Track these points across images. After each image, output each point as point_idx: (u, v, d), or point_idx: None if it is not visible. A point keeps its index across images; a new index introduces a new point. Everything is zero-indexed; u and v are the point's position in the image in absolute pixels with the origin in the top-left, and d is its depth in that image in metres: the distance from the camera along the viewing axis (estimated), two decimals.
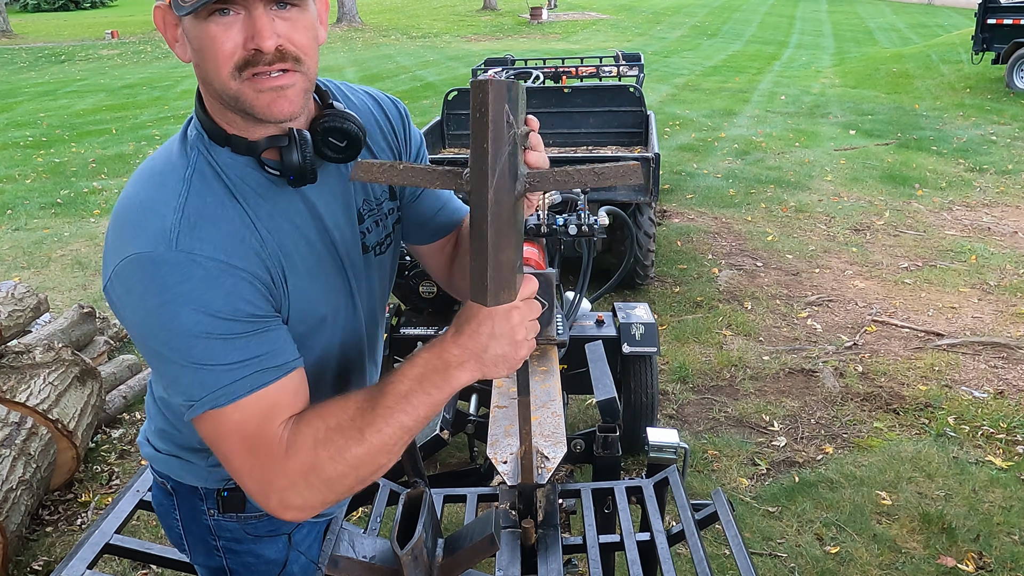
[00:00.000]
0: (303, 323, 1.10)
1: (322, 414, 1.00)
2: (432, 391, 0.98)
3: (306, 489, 0.99)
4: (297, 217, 1.08)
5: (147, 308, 0.96)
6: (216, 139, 1.05)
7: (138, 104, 12.76)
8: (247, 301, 0.99)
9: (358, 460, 0.98)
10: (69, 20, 30.23)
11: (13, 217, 6.96)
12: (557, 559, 1.61)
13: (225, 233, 1.00)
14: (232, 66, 0.97)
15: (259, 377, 0.98)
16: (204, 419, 0.99)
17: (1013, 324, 4.53)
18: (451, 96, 5.82)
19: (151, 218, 0.98)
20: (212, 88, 1.01)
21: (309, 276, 1.09)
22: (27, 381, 3.20)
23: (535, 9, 25.05)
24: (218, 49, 0.96)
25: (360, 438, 0.98)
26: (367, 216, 1.20)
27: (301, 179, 1.05)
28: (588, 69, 7.29)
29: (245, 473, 1.01)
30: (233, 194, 1.03)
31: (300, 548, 1.31)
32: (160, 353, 0.98)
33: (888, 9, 30.01)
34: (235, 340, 0.97)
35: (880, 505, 3.03)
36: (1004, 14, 11.75)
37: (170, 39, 1.03)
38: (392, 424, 0.98)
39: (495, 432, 2.03)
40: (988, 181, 7.47)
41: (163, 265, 0.95)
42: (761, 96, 12.29)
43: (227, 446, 1.00)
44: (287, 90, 1.00)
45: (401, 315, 3.41)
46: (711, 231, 6.18)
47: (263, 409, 0.99)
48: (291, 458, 0.98)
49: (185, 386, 0.99)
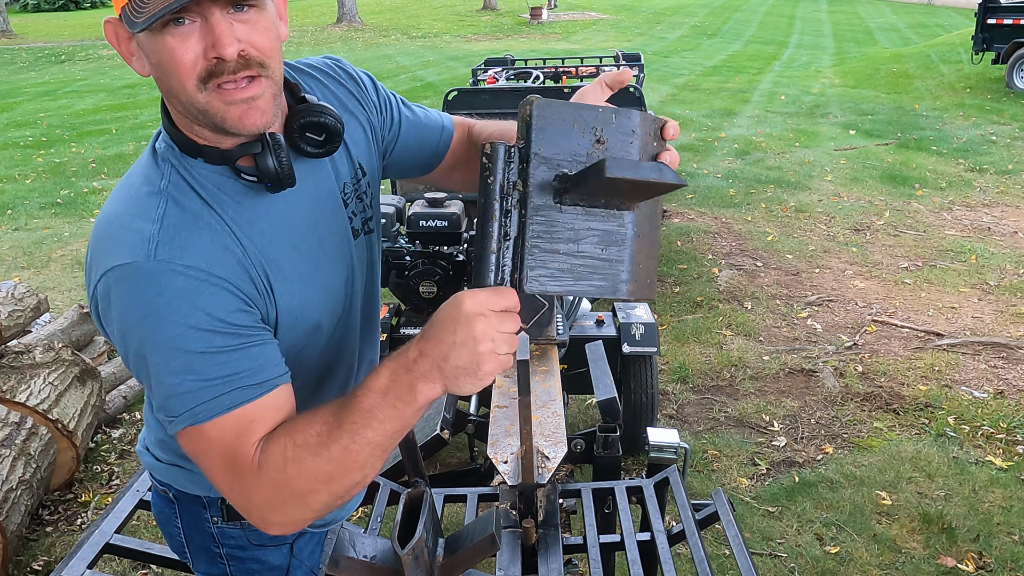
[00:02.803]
0: (293, 331, 1.08)
1: (290, 430, 0.98)
2: (398, 405, 0.93)
3: (282, 505, 0.98)
4: (280, 221, 1.06)
5: (128, 322, 0.95)
6: (188, 151, 1.02)
7: (138, 104, 12.75)
8: (228, 312, 0.97)
9: (327, 476, 0.95)
10: (69, 20, 30.22)
11: (13, 217, 6.96)
12: (557, 559, 1.61)
13: (206, 241, 0.98)
14: (196, 78, 0.94)
15: (239, 395, 0.97)
16: (184, 435, 0.98)
17: (1013, 324, 4.53)
18: (451, 96, 5.81)
19: (130, 231, 0.97)
20: (179, 102, 0.98)
21: (299, 280, 1.07)
22: (27, 381, 3.20)
23: (535, 9, 25.04)
24: (178, 62, 0.93)
25: (327, 455, 0.94)
26: (350, 200, 1.18)
27: (279, 185, 1.03)
28: (588, 69, 7.28)
29: (226, 489, 1.00)
30: (210, 205, 1.01)
31: (301, 556, 1.30)
32: (142, 366, 0.97)
33: (888, 9, 30.00)
34: (215, 355, 0.95)
35: (880, 505, 3.03)
36: (1004, 14, 11.75)
37: (125, 54, 0.99)
38: (359, 440, 0.94)
39: (495, 432, 2.03)
40: (988, 181, 7.47)
41: (143, 276, 0.94)
42: (761, 96, 12.29)
43: (207, 462, 1.00)
44: (257, 100, 0.97)
45: (401, 315, 3.41)
46: (711, 231, 6.18)
47: (240, 426, 0.97)
48: (263, 475, 0.97)
49: (165, 400, 0.98)
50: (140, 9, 0.90)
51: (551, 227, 0.89)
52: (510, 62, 7.64)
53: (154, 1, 0.89)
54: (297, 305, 1.07)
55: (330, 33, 22.79)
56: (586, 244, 0.89)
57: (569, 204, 0.89)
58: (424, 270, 3.24)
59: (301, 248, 1.08)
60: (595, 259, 0.89)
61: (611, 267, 0.90)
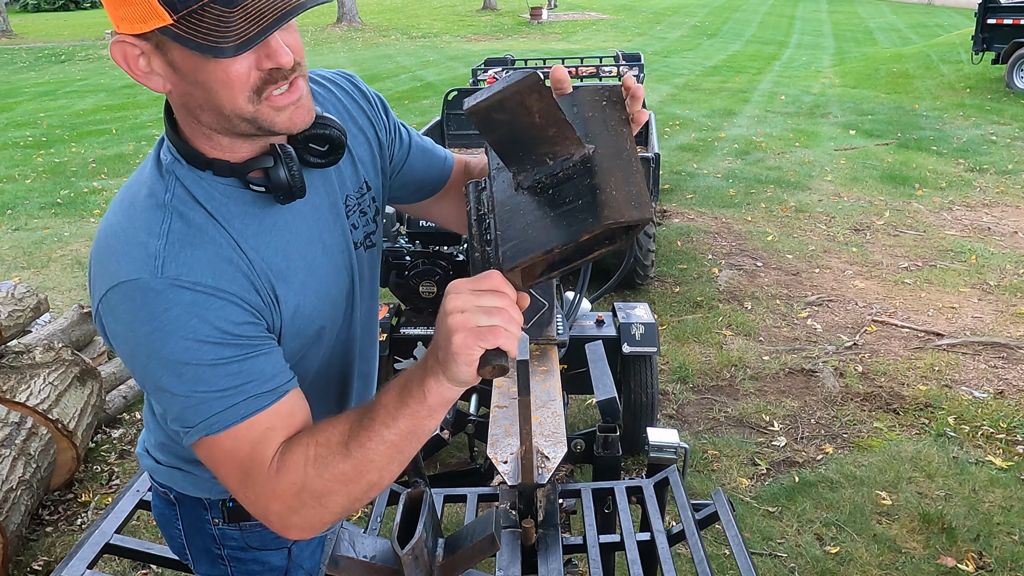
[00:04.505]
0: (297, 338, 1.08)
1: (314, 432, 0.99)
2: (411, 402, 0.94)
3: (301, 508, 0.98)
4: (286, 231, 1.06)
5: (136, 338, 0.95)
6: (195, 163, 1.02)
7: (138, 104, 12.75)
8: (236, 324, 0.97)
9: (345, 476, 0.96)
10: (69, 20, 30.22)
11: (13, 217, 6.96)
12: (557, 559, 1.61)
13: (211, 256, 0.98)
14: (249, 90, 0.94)
15: (252, 403, 0.97)
16: (200, 445, 0.99)
17: (1013, 324, 4.53)
18: (451, 96, 5.81)
19: (135, 245, 0.96)
20: (217, 115, 0.97)
21: (303, 289, 1.07)
22: (27, 381, 3.20)
23: (535, 9, 25.04)
24: (233, 78, 0.92)
25: (346, 453, 0.96)
26: (352, 212, 1.19)
27: (290, 196, 1.03)
28: (588, 69, 7.29)
29: (242, 495, 1.01)
30: (215, 218, 1.00)
31: (299, 559, 1.31)
32: (152, 381, 0.97)
33: (888, 9, 30.00)
34: (225, 366, 0.96)
35: (880, 505, 3.03)
36: (1004, 14, 11.75)
37: (140, 73, 0.95)
38: (375, 438, 0.95)
39: (495, 432, 2.03)
40: (988, 181, 7.47)
41: (149, 293, 0.94)
42: (761, 96, 12.29)
43: (224, 470, 1.00)
44: (302, 100, 0.98)
45: (401, 315, 3.41)
46: (711, 231, 6.18)
47: (256, 435, 0.98)
48: (281, 479, 0.98)
49: (179, 413, 0.98)
50: (224, 34, 0.87)
51: (516, 209, 0.92)
52: (510, 62, 7.65)
53: (242, 24, 0.87)
54: (301, 313, 1.08)
55: (330, 33, 22.78)
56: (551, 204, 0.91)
57: (527, 184, 0.93)
58: (424, 270, 3.24)
59: (306, 257, 1.08)
60: (563, 210, 0.89)
61: (583, 208, 0.88)
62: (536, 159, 0.91)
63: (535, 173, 0.92)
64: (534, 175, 0.92)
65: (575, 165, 0.91)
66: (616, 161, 0.91)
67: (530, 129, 0.89)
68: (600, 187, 0.88)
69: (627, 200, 0.88)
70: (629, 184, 0.89)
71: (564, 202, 0.89)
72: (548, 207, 0.90)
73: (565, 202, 0.89)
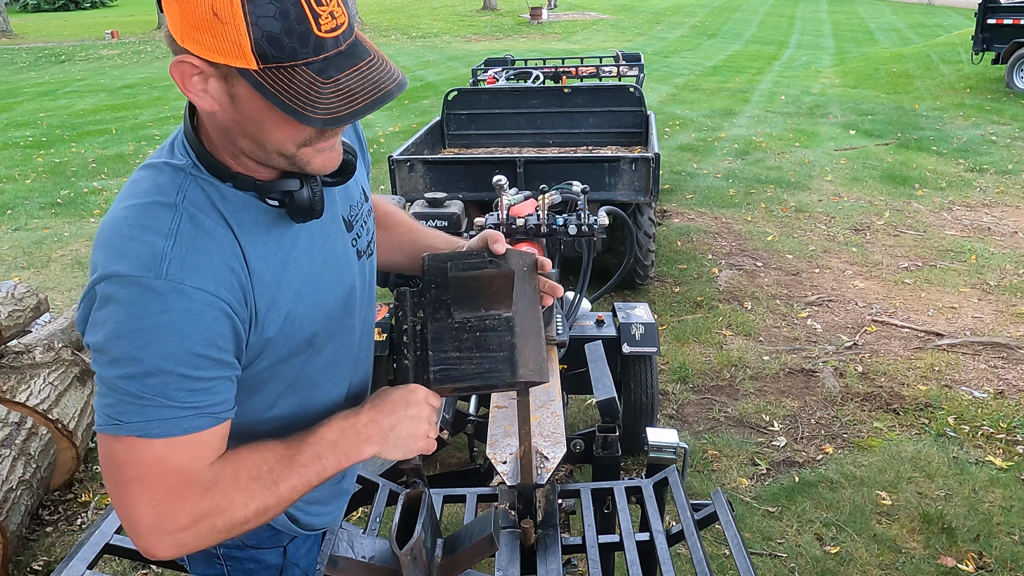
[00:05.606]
0: (286, 344, 1.09)
1: (245, 461, 1.01)
2: (342, 459, 1.06)
3: (196, 530, 0.98)
4: (290, 244, 1.08)
5: (119, 331, 0.94)
6: (218, 175, 1.03)
7: (138, 104, 12.76)
8: (222, 337, 0.98)
9: (265, 509, 1.01)
10: (69, 20, 30.24)
11: (13, 217, 6.96)
12: (556, 559, 1.61)
13: (216, 261, 0.98)
14: (301, 142, 0.98)
15: (200, 421, 0.97)
16: (121, 440, 0.96)
17: (1013, 324, 4.53)
18: (451, 96, 5.81)
19: (141, 241, 0.96)
20: (258, 148, 0.99)
21: (296, 299, 1.08)
22: (27, 381, 3.20)
23: (535, 9, 25.05)
24: (296, 135, 0.97)
25: (276, 491, 1.02)
26: (355, 223, 1.21)
27: (309, 217, 1.06)
28: (588, 69, 7.29)
29: (144, 502, 0.97)
30: (228, 223, 1.01)
31: (294, 558, 1.31)
32: (112, 371, 0.95)
33: (888, 9, 30.00)
34: (195, 381, 0.96)
35: (880, 505, 3.03)
36: (1004, 14, 11.75)
37: (192, 90, 0.95)
38: (303, 482, 1.03)
39: (495, 432, 2.03)
40: (988, 181, 7.47)
41: (148, 292, 0.93)
42: (761, 96, 12.29)
43: (136, 472, 0.96)
44: (336, 145, 1.03)
45: None
46: (711, 231, 6.18)
47: (194, 448, 0.98)
48: (206, 499, 0.98)
49: (117, 405, 0.95)
50: (314, 103, 0.90)
51: (446, 334, 1.14)
52: (510, 62, 7.65)
53: (333, 99, 0.91)
54: (291, 321, 1.08)
55: None
56: (477, 345, 1.14)
57: (459, 319, 1.15)
58: None
59: (304, 267, 1.09)
60: (487, 355, 1.13)
61: (503, 360, 1.13)
62: (474, 305, 1.15)
63: (469, 313, 1.15)
64: (466, 314, 1.15)
65: (501, 319, 1.15)
66: (533, 326, 1.17)
67: (486, 290, 1.15)
68: (518, 348, 1.13)
69: (536, 365, 1.14)
70: (538, 352, 1.16)
71: (488, 348, 1.13)
72: (475, 347, 1.14)
73: (489, 348, 1.13)
